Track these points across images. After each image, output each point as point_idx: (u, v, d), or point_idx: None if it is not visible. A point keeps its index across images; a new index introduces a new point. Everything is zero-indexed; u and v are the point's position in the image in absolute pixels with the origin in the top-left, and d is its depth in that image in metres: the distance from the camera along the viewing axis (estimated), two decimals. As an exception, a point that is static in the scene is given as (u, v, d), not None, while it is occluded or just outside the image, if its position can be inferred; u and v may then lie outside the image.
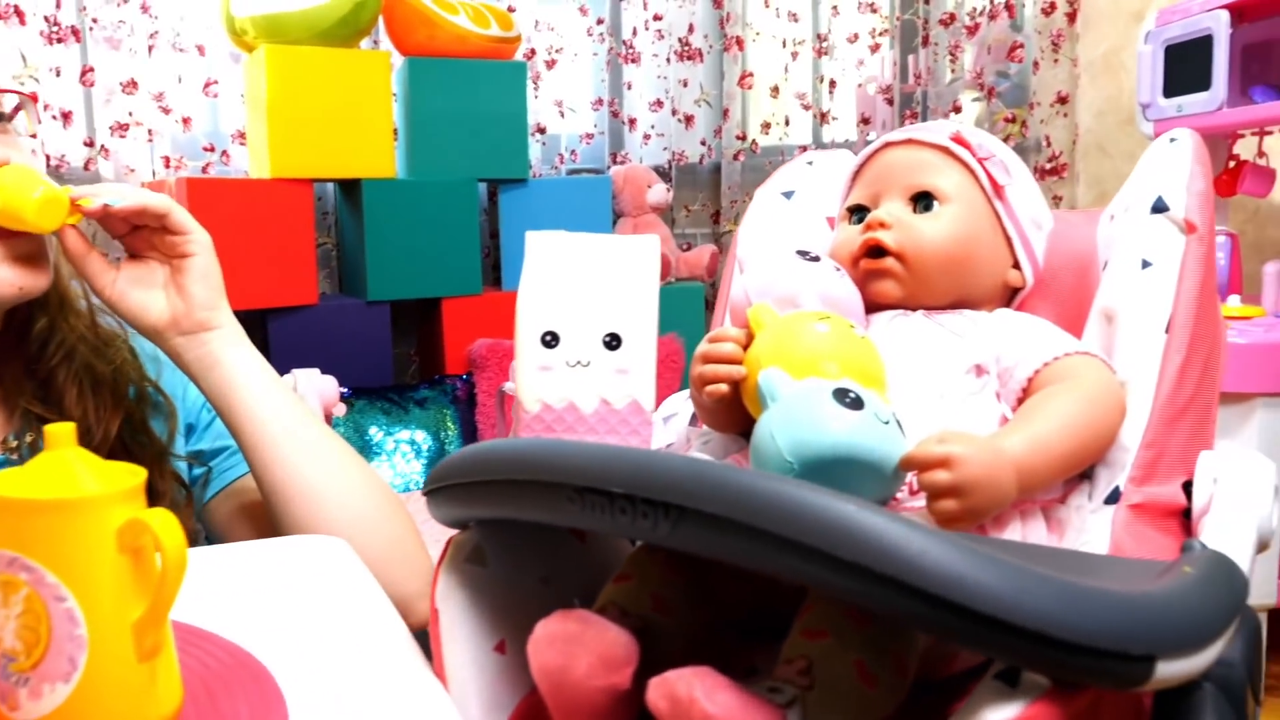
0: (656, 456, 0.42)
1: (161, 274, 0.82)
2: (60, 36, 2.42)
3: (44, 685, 0.39)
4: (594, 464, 0.42)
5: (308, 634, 0.55)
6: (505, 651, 0.51)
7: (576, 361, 0.59)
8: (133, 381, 0.87)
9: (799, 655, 0.45)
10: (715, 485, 0.39)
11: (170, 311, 0.81)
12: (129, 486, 0.41)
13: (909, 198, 0.70)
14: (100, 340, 0.85)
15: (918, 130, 0.73)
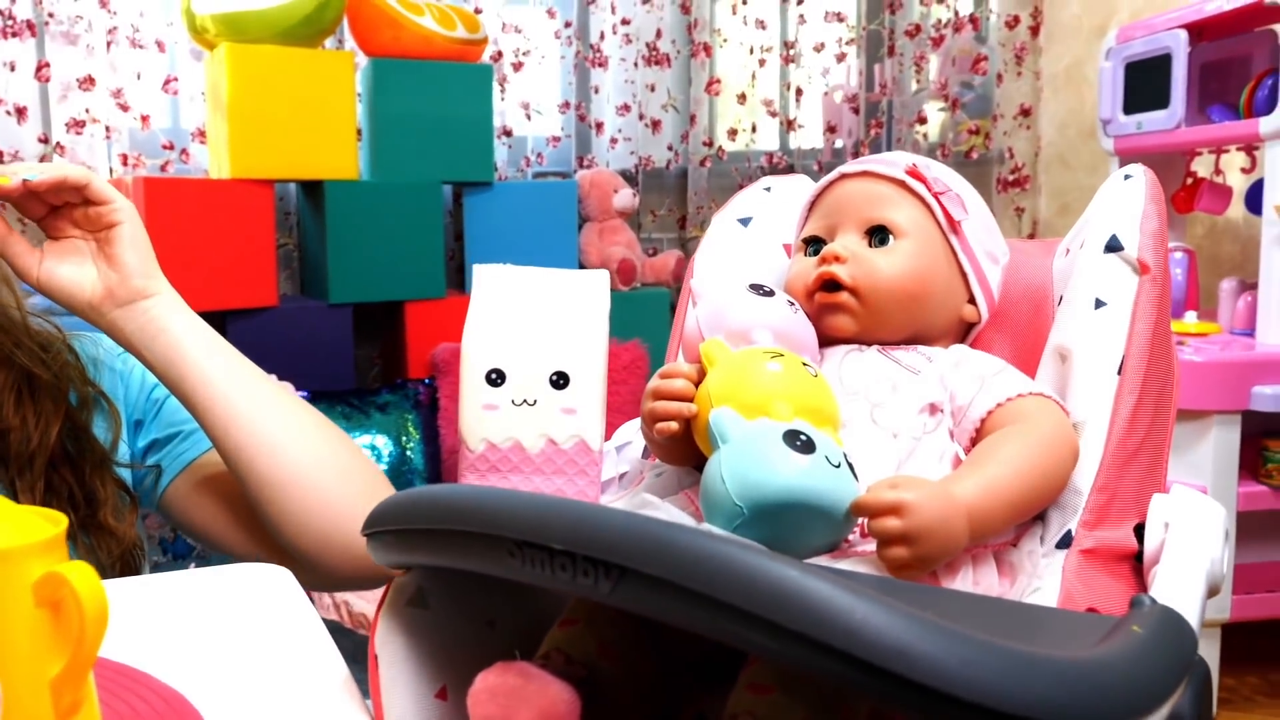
0: (599, 512, 0.41)
1: (88, 248, 0.79)
2: (15, 31, 2.37)
3: (-48, 749, 0.38)
4: (534, 517, 0.41)
5: (242, 671, 0.53)
6: (447, 698, 0.50)
7: (523, 400, 0.58)
8: (74, 385, 0.85)
9: (744, 711, 0.44)
10: (657, 545, 0.38)
11: (104, 285, 0.78)
12: (48, 537, 0.39)
13: (864, 231, 0.70)
14: (37, 344, 0.83)
15: (874, 162, 0.72)
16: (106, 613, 0.38)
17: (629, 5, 3.00)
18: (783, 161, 3.12)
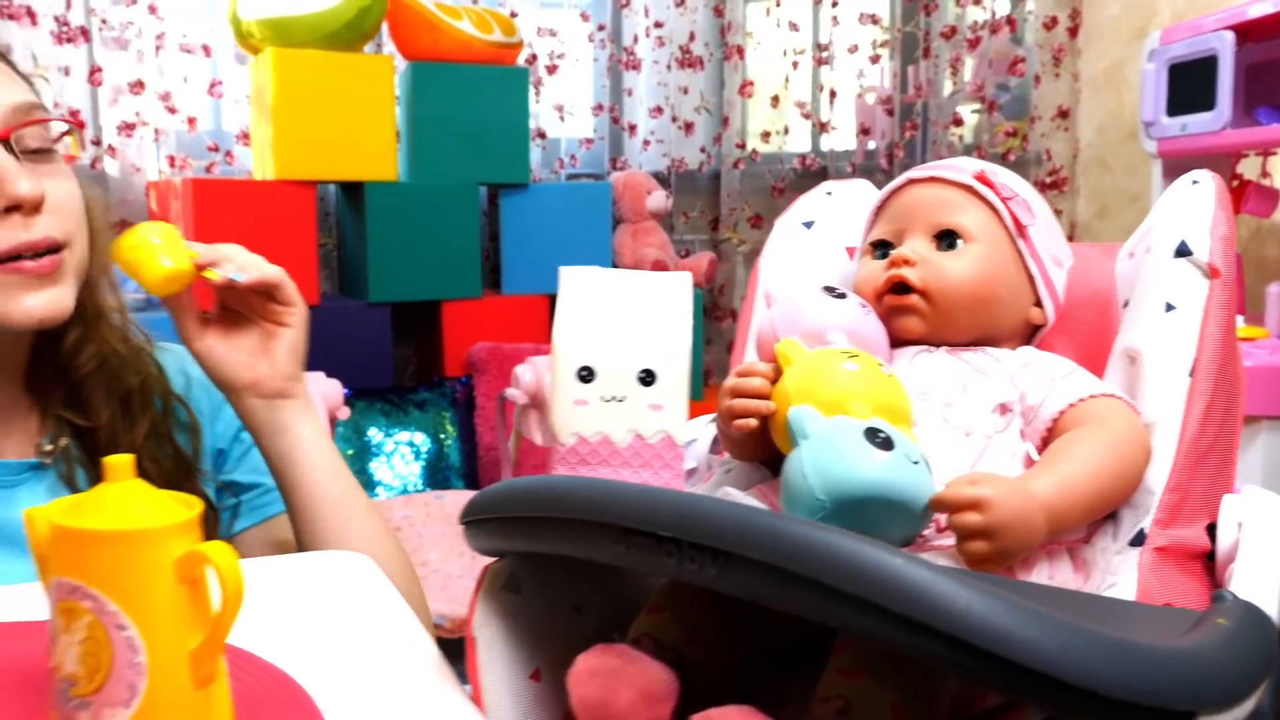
0: (705, 501, 0.43)
1: (251, 337, 0.83)
2: (70, 36, 2.42)
3: (104, 711, 0.40)
4: (641, 506, 0.43)
5: (339, 653, 0.55)
6: (540, 679, 0.52)
7: (611, 396, 0.61)
8: (158, 394, 0.88)
9: (836, 694, 0.46)
10: (764, 533, 0.40)
11: (254, 375, 0.82)
12: (187, 519, 0.42)
13: (933, 235, 0.72)
14: (130, 351, 0.86)
15: (941, 168, 0.74)
16: (243, 589, 0.40)
17: (662, 8, 3.01)
18: (815, 163, 3.13)
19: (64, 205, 0.79)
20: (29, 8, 2.32)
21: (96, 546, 0.40)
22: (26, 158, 0.77)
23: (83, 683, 0.41)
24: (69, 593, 0.41)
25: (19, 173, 0.74)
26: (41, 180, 0.77)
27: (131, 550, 0.41)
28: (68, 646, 0.41)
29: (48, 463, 0.84)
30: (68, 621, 0.41)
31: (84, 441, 0.85)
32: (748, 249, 3.12)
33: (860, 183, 0.86)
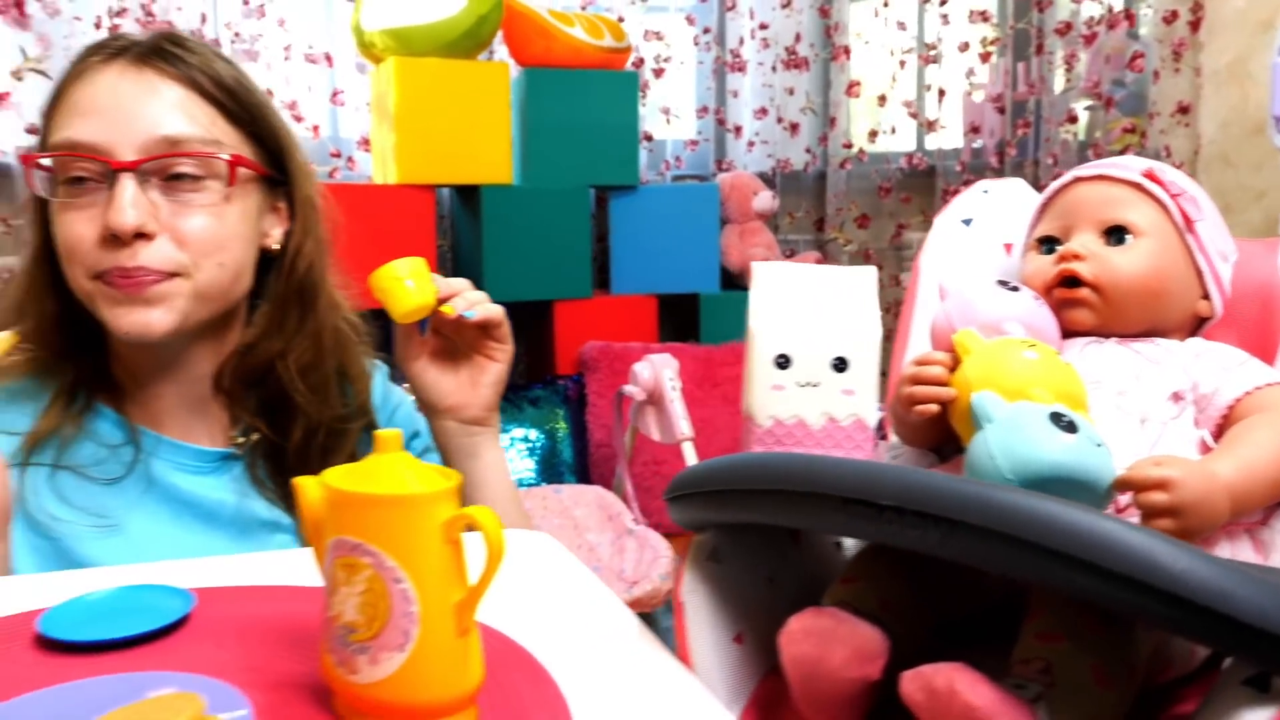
0: (922, 474, 0.46)
1: (462, 367, 0.90)
2: (203, 49, 2.55)
3: (382, 654, 0.46)
4: (863, 478, 0.47)
5: (547, 620, 0.60)
6: (743, 642, 0.56)
7: (807, 382, 0.64)
8: (351, 384, 0.94)
9: (1036, 657, 0.49)
10: (988, 501, 0.43)
11: (457, 400, 0.90)
12: (449, 487, 0.47)
13: (1102, 231, 0.74)
14: (338, 344, 0.93)
15: (1109, 166, 0.76)
16: (504, 549, 0.45)
17: (767, 10, 3.04)
18: (922, 163, 3.11)
19: (188, 238, 0.83)
20: (170, 23, 2.46)
21: (378, 509, 0.46)
22: (166, 185, 0.82)
23: (362, 629, 0.46)
24: (349, 550, 0.46)
25: (126, 205, 0.79)
26: (164, 213, 0.81)
27: (408, 512, 0.46)
28: (347, 597, 0.46)
29: (238, 454, 0.91)
30: (348, 575, 0.46)
31: (271, 444, 0.91)
32: (854, 249, 3.12)
33: (1015, 182, 0.88)
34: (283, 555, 0.77)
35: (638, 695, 0.50)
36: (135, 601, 0.61)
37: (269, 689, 0.50)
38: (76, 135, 0.81)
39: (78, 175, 0.81)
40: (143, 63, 0.84)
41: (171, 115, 0.83)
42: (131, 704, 0.46)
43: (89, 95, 0.83)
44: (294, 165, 0.93)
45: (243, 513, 0.89)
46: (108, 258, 0.80)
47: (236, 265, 0.87)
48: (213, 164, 0.84)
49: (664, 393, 1.93)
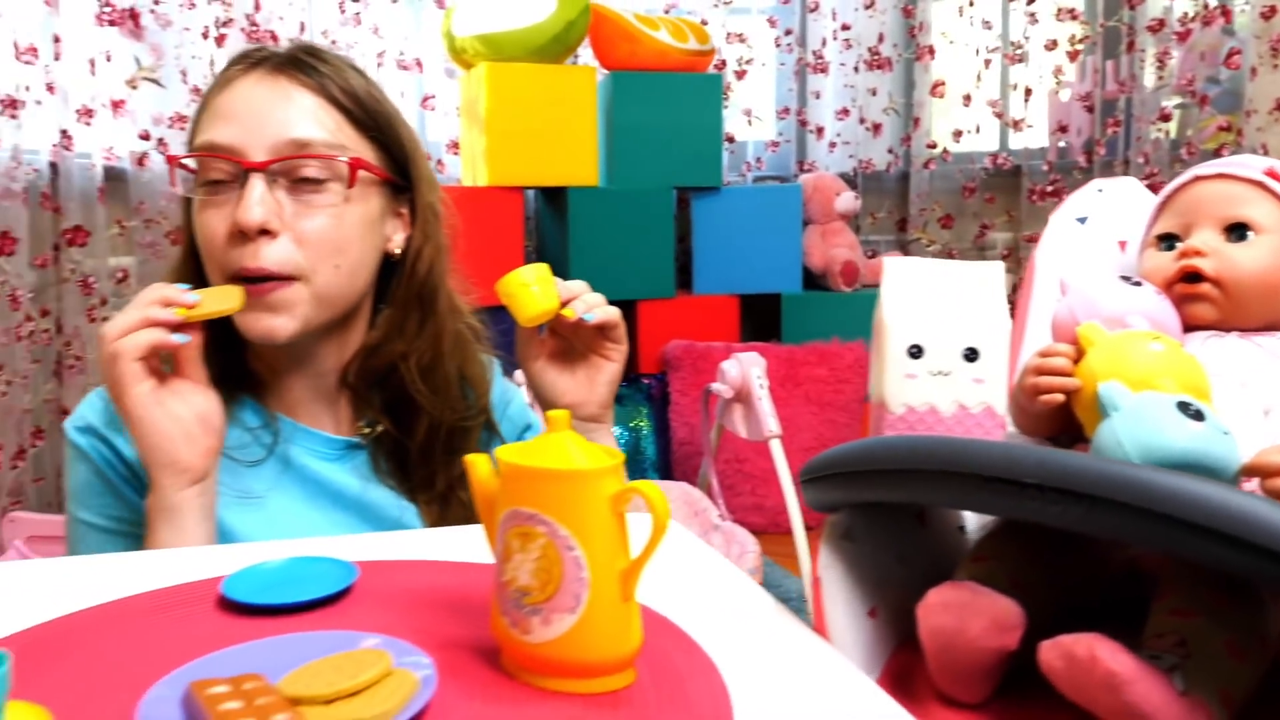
0: (1061, 453, 0.49)
1: (579, 366, 0.94)
2: (303, 56, 2.65)
3: (554, 615, 0.50)
4: (1004, 458, 0.49)
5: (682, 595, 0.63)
6: (876, 616, 0.59)
7: (938, 371, 0.67)
8: (472, 386, 0.98)
9: (1170, 631, 0.51)
10: (1129, 479, 0.45)
11: (575, 398, 0.93)
12: (616, 463, 0.51)
13: (1223, 228, 0.75)
14: (458, 347, 0.97)
15: (1228, 165, 0.77)
16: (668, 522, 0.49)
17: (849, 10, 3.04)
18: (1007, 163, 3.09)
19: (307, 237, 0.87)
20: (272, 32, 2.56)
21: (553, 482, 0.50)
22: (292, 187, 0.87)
23: (535, 593, 0.50)
24: (525, 520, 0.50)
25: (253, 203, 0.83)
26: (288, 213, 0.86)
27: (581, 486, 0.50)
28: (522, 564, 0.50)
29: (363, 444, 0.96)
30: (523, 543, 0.50)
31: (394, 438, 0.96)
32: (937, 249, 3.10)
33: (1128, 180, 0.89)
34: (427, 533, 0.82)
35: (779, 663, 0.53)
36: (305, 571, 0.66)
37: (438, 649, 0.54)
38: (215, 138, 0.86)
39: (215, 176, 0.87)
40: (279, 71, 0.89)
41: (301, 120, 0.87)
42: (325, 658, 0.51)
43: (228, 101, 0.88)
44: (417, 173, 0.96)
45: (366, 497, 0.94)
46: (235, 255, 0.85)
47: (353, 267, 0.90)
48: (335, 166, 0.88)
49: (751, 390, 1.95)
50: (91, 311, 2.28)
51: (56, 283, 2.26)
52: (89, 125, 2.27)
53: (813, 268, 2.89)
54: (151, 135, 2.38)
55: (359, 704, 0.46)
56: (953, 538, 0.65)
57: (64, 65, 2.24)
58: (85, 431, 0.91)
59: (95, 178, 2.27)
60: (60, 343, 2.27)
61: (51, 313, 2.26)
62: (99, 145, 2.28)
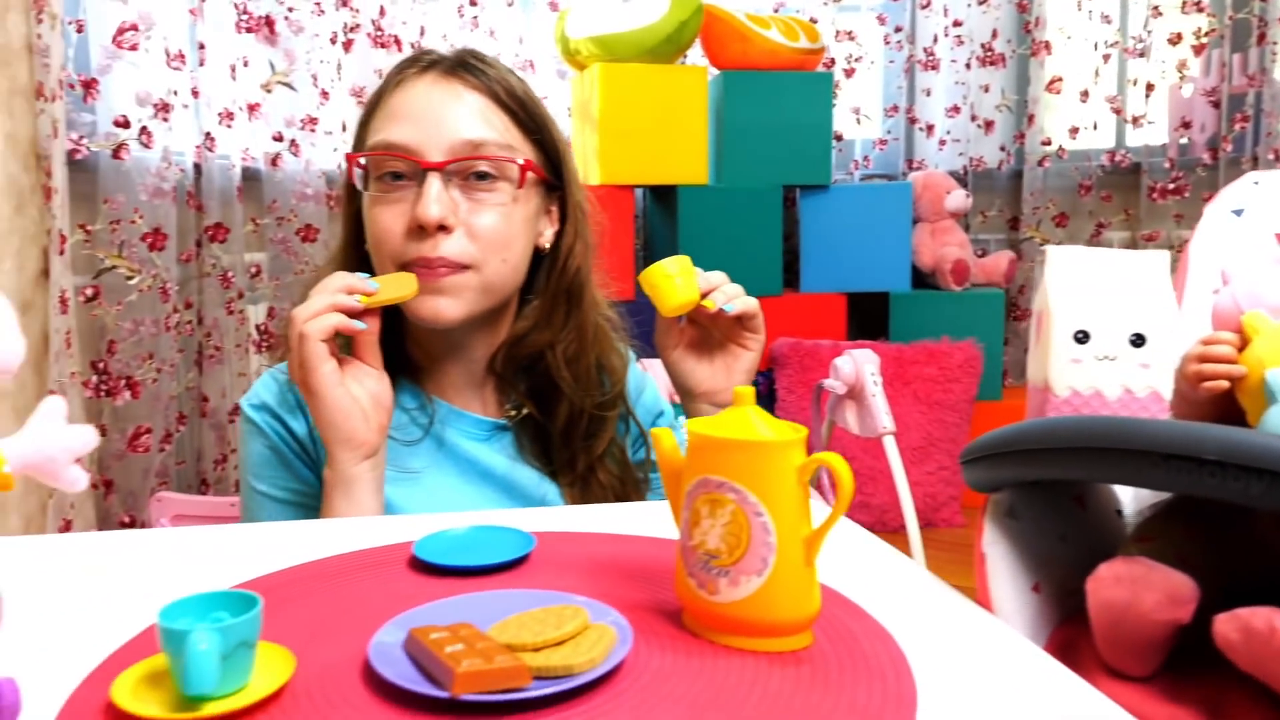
0: (1242, 432, 0.50)
1: (717, 355, 0.97)
2: (424, 60, 2.74)
3: (742, 577, 0.53)
4: (1184, 437, 0.51)
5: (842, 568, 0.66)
6: (1040, 591, 0.61)
7: (1104, 356, 0.68)
8: (609, 375, 1.02)
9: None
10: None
11: (708, 385, 0.96)
12: (802, 437, 0.54)
13: (1390, 218, 0.74)
14: (598, 338, 1.01)
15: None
16: (852, 493, 0.52)
17: (962, 6, 3.01)
18: (1126, 160, 3.02)
19: (479, 232, 0.91)
20: (395, 37, 2.66)
21: (744, 452, 0.53)
22: (465, 185, 0.91)
23: (723, 556, 0.54)
24: (715, 488, 0.54)
25: (431, 200, 0.88)
26: (462, 209, 0.91)
27: (770, 456, 0.53)
28: (711, 529, 0.54)
29: (509, 426, 1.01)
30: (712, 509, 0.54)
31: (537, 422, 1.00)
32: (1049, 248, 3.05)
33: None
34: (586, 509, 0.86)
35: (948, 633, 0.56)
36: (487, 538, 0.71)
37: (623, 609, 0.58)
38: (392, 137, 0.91)
39: (391, 172, 0.92)
40: (451, 74, 0.94)
41: (474, 121, 0.92)
42: (526, 611, 0.55)
43: (404, 102, 0.93)
44: (568, 172, 1.01)
45: (512, 476, 0.99)
46: (412, 248, 0.91)
47: (516, 261, 0.96)
48: (506, 166, 0.93)
49: (865, 387, 1.96)
50: (230, 304, 2.41)
51: (198, 276, 2.40)
52: (229, 128, 2.40)
53: (922, 266, 2.87)
54: (284, 136, 2.50)
55: (565, 651, 0.50)
56: (1111, 520, 0.67)
57: (207, 71, 2.37)
58: (260, 409, 0.98)
59: (234, 177, 2.39)
60: (201, 333, 2.41)
61: (194, 305, 2.39)
62: (237, 146, 2.41)
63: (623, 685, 0.50)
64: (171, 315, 2.32)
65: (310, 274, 1.21)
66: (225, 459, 2.44)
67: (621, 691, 0.49)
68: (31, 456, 0.49)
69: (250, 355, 2.47)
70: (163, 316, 2.30)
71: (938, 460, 2.68)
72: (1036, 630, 0.62)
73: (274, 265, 2.50)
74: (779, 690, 0.49)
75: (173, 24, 2.32)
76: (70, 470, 0.51)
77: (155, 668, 0.50)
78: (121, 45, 2.28)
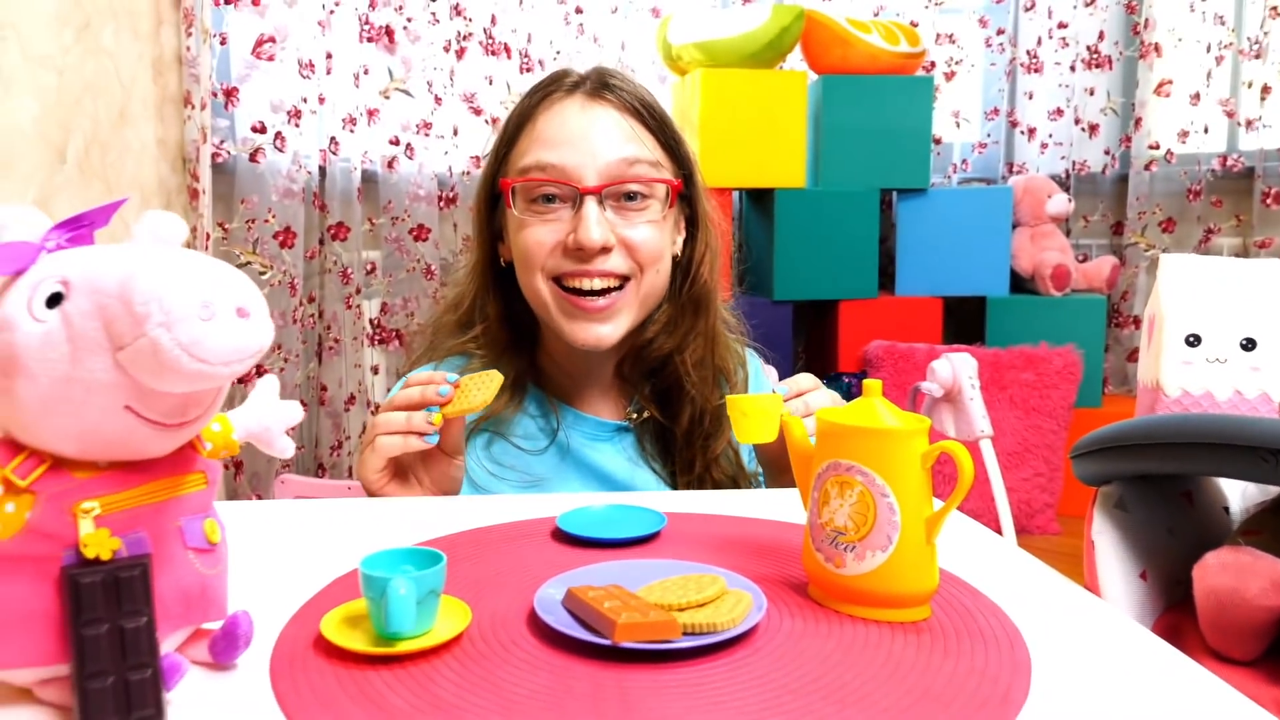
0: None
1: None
2: (529, 67, 2.84)
3: (867, 552, 0.59)
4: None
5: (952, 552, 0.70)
6: (1147, 579, 0.65)
7: (1215, 359, 0.72)
8: (725, 377, 1.07)
9: None
10: None
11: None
12: (924, 426, 0.59)
13: None
14: (719, 344, 1.07)
15: None
16: (972, 479, 0.57)
17: (1067, 8, 2.98)
18: (1238, 164, 2.95)
19: (635, 247, 0.96)
20: (505, 44, 2.76)
21: (873, 439, 0.59)
22: (618, 204, 0.96)
23: (850, 532, 0.59)
24: (844, 470, 0.60)
25: (593, 224, 0.93)
26: (618, 227, 0.95)
27: (897, 442, 0.58)
28: (839, 508, 0.60)
29: (630, 428, 1.06)
30: (840, 490, 0.60)
31: (658, 424, 1.05)
32: (1155, 254, 3.00)
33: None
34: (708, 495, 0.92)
35: (1060, 614, 0.60)
36: (622, 515, 0.78)
37: (754, 580, 0.64)
38: (545, 159, 0.95)
39: (544, 194, 0.96)
40: (596, 97, 0.98)
41: (624, 141, 0.97)
42: (669, 578, 0.62)
43: (554, 126, 0.97)
44: (697, 185, 1.05)
45: (632, 481, 1.04)
46: (567, 263, 0.96)
47: (667, 271, 1.01)
48: (656, 187, 0.97)
49: (963, 390, 1.98)
50: (348, 299, 2.54)
51: (320, 272, 2.53)
52: (351, 132, 2.53)
53: (1020, 271, 2.85)
54: (400, 140, 2.62)
55: (709, 611, 0.57)
56: (1218, 516, 0.70)
57: (333, 79, 2.51)
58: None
59: (354, 179, 2.53)
60: (322, 326, 2.55)
61: (316, 299, 2.53)
62: (358, 150, 2.54)
63: (760, 643, 0.56)
64: (297, 309, 2.46)
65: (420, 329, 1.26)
66: (340, 445, 2.57)
67: (760, 648, 0.55)
68: (253, 427, 0.58)
69: (364, 348, 2.60)
70: (290, 309, 2.44)
71: (1033, 467, 2.67)
72: (1142, 615, 0.66)
73: (387, 262, 2.62)
74: (903, 655, 0.55)
75: (304, 35, 2.46)
76: (282, 439, 0.59)
77: (354, 610, 0.58)
78: (260, 56, 2.44)
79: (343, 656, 0.54)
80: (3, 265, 0.47)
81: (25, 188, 1.56)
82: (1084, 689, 0.50)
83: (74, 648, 0.45)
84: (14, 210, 0.49)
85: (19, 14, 1.54)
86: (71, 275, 0.46)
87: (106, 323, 0.44)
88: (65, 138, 1.69)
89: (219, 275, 0.45)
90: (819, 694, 0.49)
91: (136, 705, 0.46)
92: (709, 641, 0.54)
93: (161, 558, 0.49)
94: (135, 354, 0.43)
